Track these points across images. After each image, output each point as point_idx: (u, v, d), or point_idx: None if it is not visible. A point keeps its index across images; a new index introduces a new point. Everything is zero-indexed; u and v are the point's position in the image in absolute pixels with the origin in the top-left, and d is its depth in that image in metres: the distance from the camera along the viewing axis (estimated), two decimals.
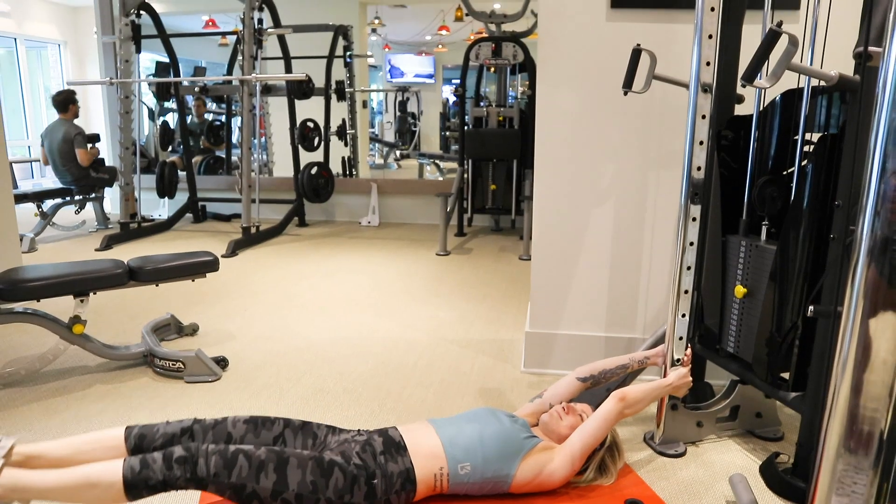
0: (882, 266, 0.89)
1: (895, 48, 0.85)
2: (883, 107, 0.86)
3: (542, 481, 1.75)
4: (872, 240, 0.89)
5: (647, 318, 2.65)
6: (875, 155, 0.88)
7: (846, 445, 0.96)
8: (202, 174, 7.34)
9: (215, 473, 1.51)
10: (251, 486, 1.52)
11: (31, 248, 5.15)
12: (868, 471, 0.95)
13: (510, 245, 5.58)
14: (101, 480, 1.47)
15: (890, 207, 0.87)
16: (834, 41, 1.80)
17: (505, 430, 1.78)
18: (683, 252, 1.99)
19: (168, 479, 1.49)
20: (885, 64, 0.86)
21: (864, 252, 0.90)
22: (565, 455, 1.78)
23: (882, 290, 0.90)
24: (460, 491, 1.72)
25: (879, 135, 0.87)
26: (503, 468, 1.72)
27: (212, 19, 9.42)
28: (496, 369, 2.77)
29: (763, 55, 1.50)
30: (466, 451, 1.71)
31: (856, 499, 0.95)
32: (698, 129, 1.91)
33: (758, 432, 2.19)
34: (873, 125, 0.88)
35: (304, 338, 3.17)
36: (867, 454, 0.94)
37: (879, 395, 0.92)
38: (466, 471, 1.69)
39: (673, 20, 2.40)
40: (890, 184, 0.87)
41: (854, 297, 0.92)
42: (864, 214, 0.90)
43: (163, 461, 1.50)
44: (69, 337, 2.58)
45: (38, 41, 9.60)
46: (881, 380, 0.92)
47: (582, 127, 2.54)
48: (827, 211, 1.74)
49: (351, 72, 7.77)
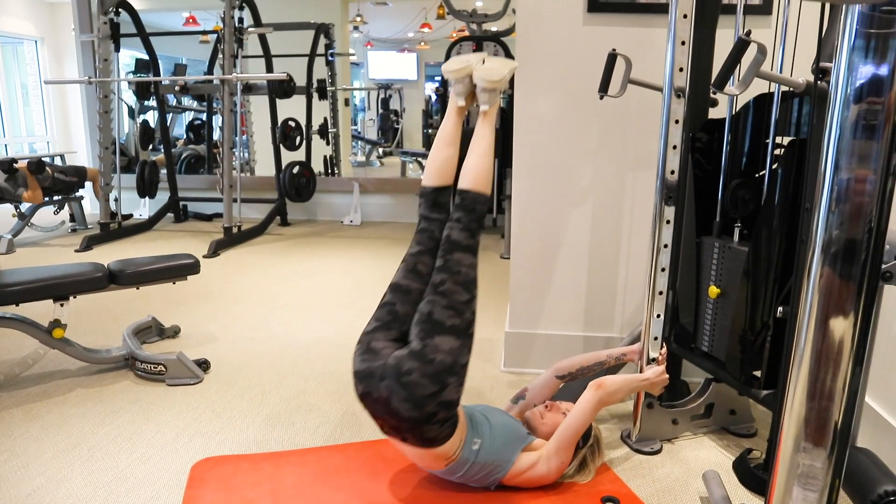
0: (835, 265, 0.93)
1: (845, 51, 0.88)
2: (836, 107, 0.89)
3: (531, 476, 1.81)
4: (827, 239, 0.93)
5: (625, 317, 2.69)
6: (828, 154, 0.92)
7: (803, 439, 1.00)
8: (183, 173, 7.30)
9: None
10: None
11: (9, 250, 5.10)
12: (823, 462, 0.99)
13: (491, 244, 5.61)
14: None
15: (842, 207, 0.91)
16: (804, 46, 1.84)
17: (509, 421, 1.89)
18: (658, 254, 2.03)
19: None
20: (838, 60, 0.89)
21: (819, 251, 0.94)
22: (553, 449, 1.83)
23: (835, 289, 0.93)
24: (461, 470, 1.76)
25: (833, 133, 0.90)
26: (505, 454, 1.78)
27: (192, 16, 9.34)
28: (476, 369, 2.80)
29: (733, 63, 1.54)
30: (478, 431, 1.78)
31: (811, 492, 0.99)
32: (672, 134, 1.95)
33: (732, 429, 2.24)
34: (826, 124, 0.91)
35: (286, 338, 3.17)
36: (823, 447, 0.99)
37: (834, 390, 0.96)
38: (477, 446, 1.75)
39: (648, 24, 2.44)
40: (842, 182, 0.90)
41: (809, 295, 0.96)
42: (818, 213, 0.93)
43: None
44: (49, 341, 2.57)
45: (15, 37, 9.45)
46: (835, 376, 0.96)
47: (560, 129, 2.58)
48: (797, 213, 1.78)
49: (333, 70, 7.75)
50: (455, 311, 1.68)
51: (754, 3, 2.39)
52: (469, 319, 1.70)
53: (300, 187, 6.35)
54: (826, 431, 0.96)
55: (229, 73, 5.43)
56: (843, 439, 0.96)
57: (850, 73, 0.85)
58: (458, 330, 1.67)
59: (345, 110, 8.77)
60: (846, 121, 0.86)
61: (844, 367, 0.94)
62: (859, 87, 0.85)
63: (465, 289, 1.70)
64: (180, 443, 2.14)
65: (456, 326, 1.67)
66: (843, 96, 0.86)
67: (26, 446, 2.11)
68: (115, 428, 2.24)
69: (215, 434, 2.21)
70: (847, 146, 0.87)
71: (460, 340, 1.67)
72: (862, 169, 0.86)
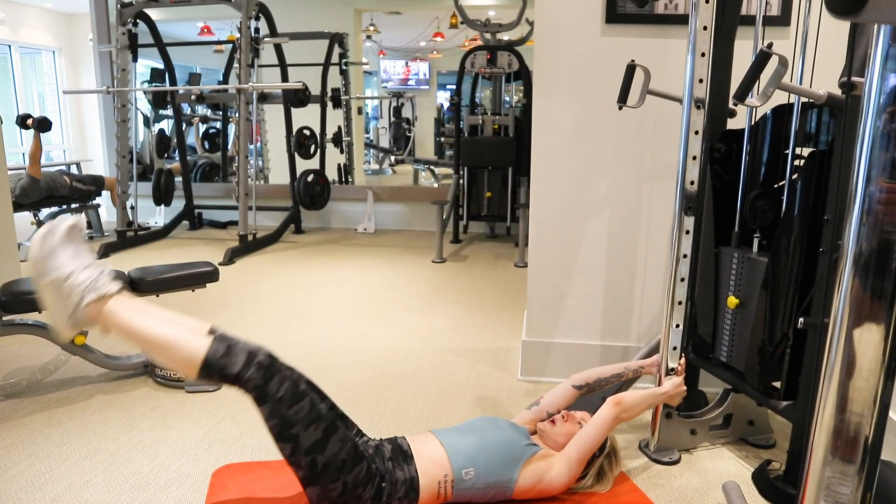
0: (866, 277, 0.93)
1: (877, 66, 0.89)
2: (867, 119, 0.90)
3: (544, 488, 1.79)
4: (858, 250, 0.93)
5: (642, 327, 2.69)
6: (860, 166, 0.92)
7: (832, 453, 1.00)
8: (198, 181, 7.36)
9: (280, 398, 1.56)
10: (297, 430, 1.56)
11: (28, 258, 5.16)
12: (853, 477, 0.99)
13: (505, 252, 5.62)
14: (184, 347, 1.56)
15: (873, 219, 0.91)
16: (824, 57, 1.84)
17: (506, 438, 1.82)
18: (677, 264, 2.03)
19: (241, 376, 1.54)
20: (870, 75, 0.90)
21: (850, 263, 0.94)
22: (564, 462, 1.82)
23: (867, 301, 0.94)
24: (464, 498, 1.75)
25: (864, 146, 0.91)
26: (505, 474, 1.75)
27: (207, 26, 9.44)
28: (493, 378, 2.81)
29: (754, 76, 1.55)
30: (469, 458, 1.75)
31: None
32: (691, 145, 1.96)
33: (750, 440, 2.23)
34: (858, 136, 0.91)
35: (302, 347, 3.19)
36: (853, 462, 0.99)
37: (864, 403, 0.96)
38: (470, 476, 1.73)
39: (667, 35, 2.45)
40: (874, 194, 0.90)
41: (840, 307, 0.96)
42: (849, 225, 0.94)
43: (245, 358, 1.56)
44: (70, 348, 2.60)
45: (33, 48, 9.59)
46: (865, 389, 0.96)
47: (578, 140, 2.59)
48: (816, 224, 1.78)
49: (346, 79, 7.81)
50: (293, 465, 1.62)
51: (773, 14, 2.39)
52: (308, 462, 1.60)
53: (315, 195, 6.39)
54: (857, 445, 0.96)
55: (245, 82, 5.48)
56: (875, 453, 0.96)
57: (882, 86, 0.86)
58: (308, 479, 1.61)
59: (358, 119, 8.83)
60: (877, 132, 0.87)
61: (875, 379, 0.94)
62: (891, 98, 0.85)
63: (283, 441, 1.59)
64: (200, 449, 2.16)
65: (305, 477, 1.61)
66: (874, 108, 0.87)
67: (49, 451, 2.14)
68: (136, 434, 2.26)
69: (235, 440, 2.22)
70: (878, 158, 0.88)
71: (318, 485, 1.61)
72: (893, 180, 0.87)
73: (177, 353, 1.57)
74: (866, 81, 0.90)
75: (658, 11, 2.43)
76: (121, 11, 5.80)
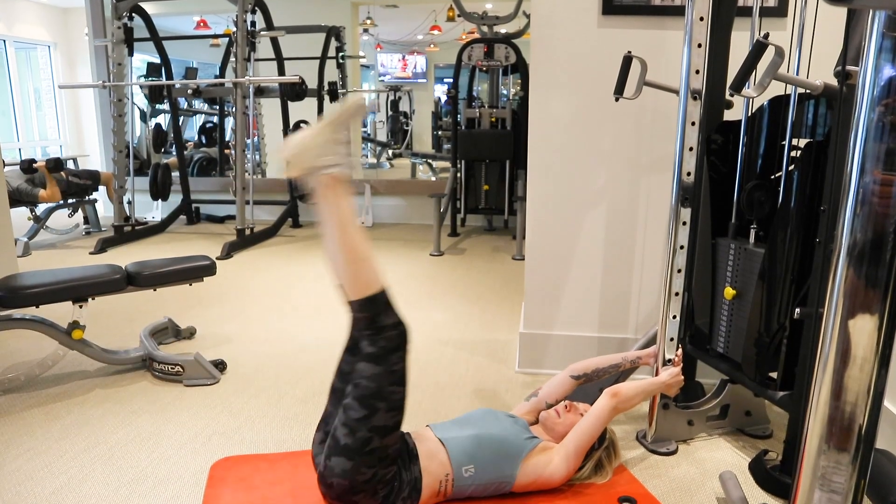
0: (860, 267, 0.93)
1: (871, 56, 0.89)
2: (862, 109, 0.90)
3: (544, 481, 1.80)
4: (852, 241, 0.93)
5: (640, 318, 2.70)
6: (854, 157, 0.92)
7: (827, 442, 1.00)
8: (195, 175, 7.35)
9: (392, 371, 1.64)
10: (380, 406, 1.60)
11: (25, 253, 5.15)
12: (848, 466, 0.99)
13: (503, 245, 5.62)
14: (375, 271, 1.70)
15: (868, 210, 0.91)
16: (820, 48, 1.84)
17: (506, 431, 1.82)
18: (674, 255, 2.04)
19: (385, 328, 1.69)
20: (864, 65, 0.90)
21: (844, 253, 0.94)
22: (563, 455, 1.82)
23: (861, 291, 0.94)
24: (464, 493, 1.76)
25: (859, 136, 0.91)
26: (505, 469, 1.76)
27: (203, 20, 9.40)
28: (491, 370, 2.82)
29: (750, 66, 1.55)
30: (469, 454, 1.75)
31: (836, 494, 0.99)
32: (688, 136, 1.96)
33: (747, 430, 2.24)
34: (853, 127, 0.91)
35: (301, 340, 3.20)
36: (847, 450, 0.99)
37: (858, 393, 0.97)
38: (470, 472, 1.73)
39: (663, 27, 2.44)
40: (868, 185, 0.91)
41: (834, 297, 0.96)
42: (843, 216, 0.94)
43: (398, 320, 1.73)
44: (68, 342, 2.61)
45: (28, 43, 9.55)
46: (860, 378, 0.97)
47: (574, 131, 2.59)
48: (813, 215, 1.78)
49: (343, 72, 7.78)
50: (348, 429, 1.59)
51: (769, 5, 2.39)
52: (363, 438, 1.58)
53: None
54: (851, 433, 0.97)
55: (242, 76, 5.47)
56: (868, 441, 0.96)
57: (876, 76, 0.86)
58: (350, 450, 1.58)
59: None
60: (872, 123, 0.87)
61: (869, 368, 0.94)
62: (885, 89, 0.85)
63: (362, 404, 1.59)
64: (199, 442, 2.17)
65: (348, 447, 1.59)
66: (869, 99, 0.87)
67: (48, 446, 2.14)
68: (135, 428, 2.27)
69: (233, 434, 2.23)
70: (872, 149, 0.88)
71: (353, 462, 1.58)
72: (887, 171, 0.87)
73: (367, 270, 1.66)
74: (860, 72, 0.90)
75: (654, 2, 2.43)
76: (116, 5, 5.77)
